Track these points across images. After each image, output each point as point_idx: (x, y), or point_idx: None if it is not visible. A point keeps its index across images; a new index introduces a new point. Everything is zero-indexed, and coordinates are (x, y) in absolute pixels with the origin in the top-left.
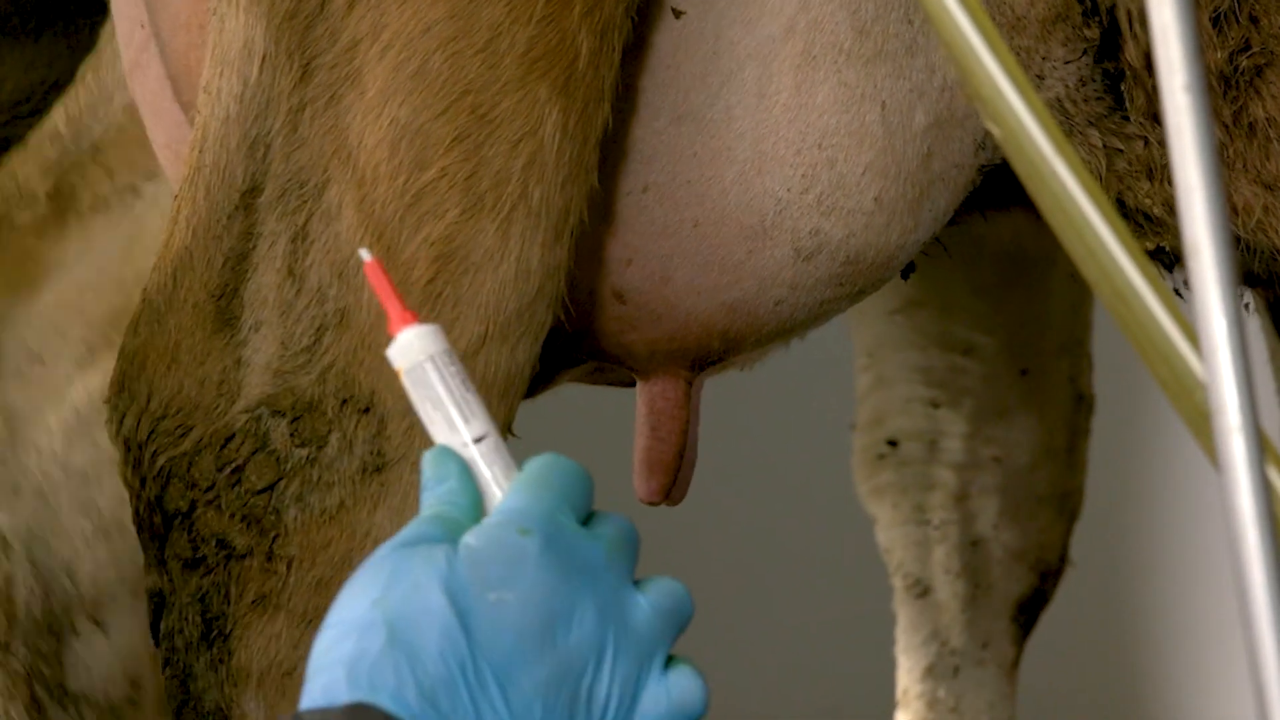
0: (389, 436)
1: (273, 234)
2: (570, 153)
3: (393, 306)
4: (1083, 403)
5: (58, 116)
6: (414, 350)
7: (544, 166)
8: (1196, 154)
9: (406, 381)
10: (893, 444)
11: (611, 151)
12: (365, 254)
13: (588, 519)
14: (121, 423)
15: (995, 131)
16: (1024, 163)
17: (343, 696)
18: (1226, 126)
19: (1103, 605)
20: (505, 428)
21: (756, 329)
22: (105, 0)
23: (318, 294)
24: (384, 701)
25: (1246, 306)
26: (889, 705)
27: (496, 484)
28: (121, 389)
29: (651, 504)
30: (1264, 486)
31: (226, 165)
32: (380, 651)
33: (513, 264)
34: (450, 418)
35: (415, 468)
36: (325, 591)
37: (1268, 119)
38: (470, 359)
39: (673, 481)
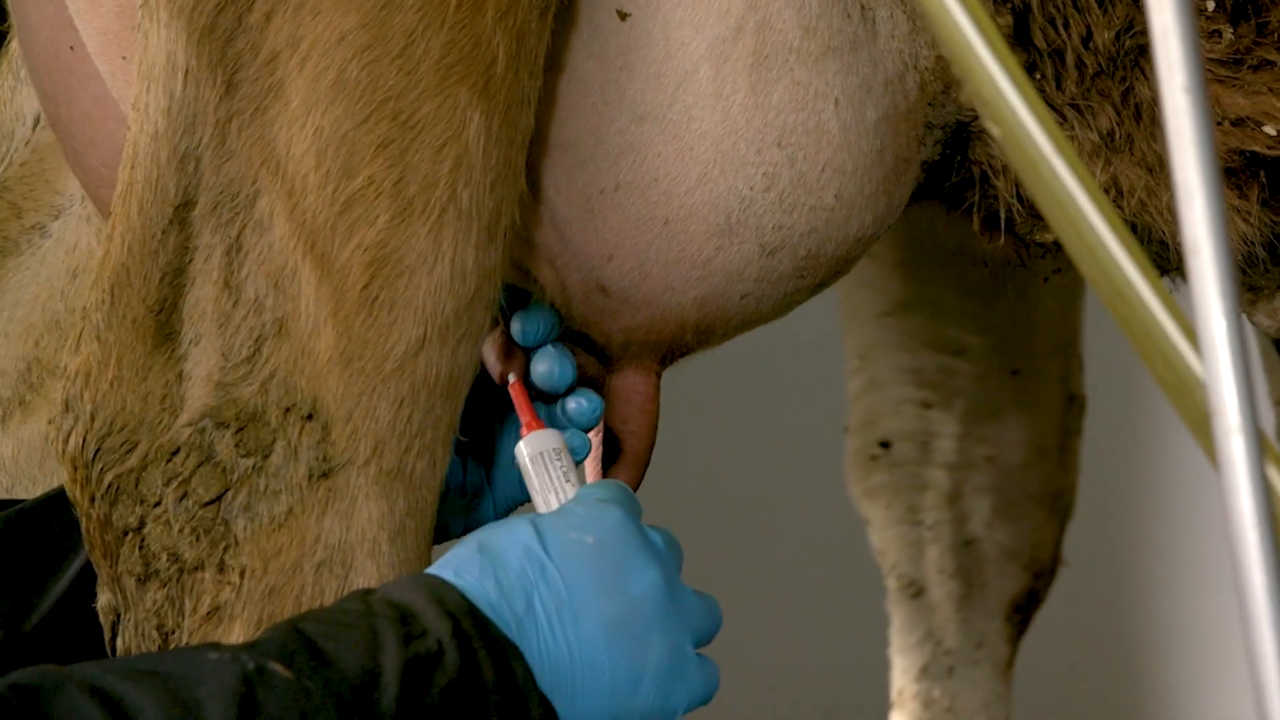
0: (334, 441)
1: (208, 247)
2: (497, 155)
3: (525, 416)
4: (1074, 403)
5: None
6: (531, 447)
7: (471, 169)
8: (1196, 154)
9: (528, 473)
10: (885, 445)
11: (580, 150)
12: (511, 377)
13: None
14: (67, 442)
15: (995, 132)
16: (1024, 162)
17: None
18: (1116, 108)
19: (1098, 605)
20: (450, 429)
21: (725, 322)
22: None
23: (255, 305)
24: (465, 585)
25: None
26: (884, 706)
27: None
28: (66, 408)
29: None
30: (1263, 486)
31: (158, 180)
32: (469, 554)
33: (447, 266)
34: (548, 500)
35: (361, 471)
36: (278, 599)
37: (1154, 100)
38: (410, 361)
39: (642, 476)
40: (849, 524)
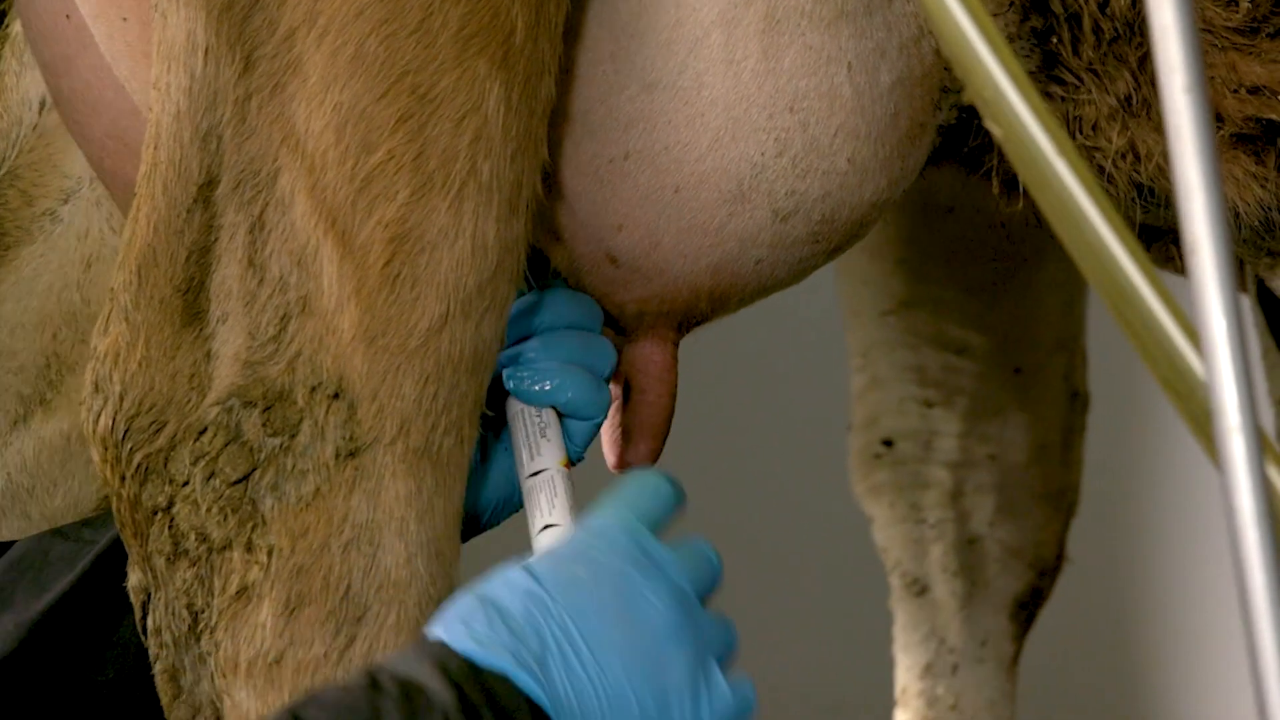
0: (360, 420)
1: (232, 225)
2: (517, 126)
3: None
4: (1077, 399)
5: None
6: (511, 406)
7: (491, 141)
8: (1196, 154)
9: (510, 431)
10: (888, 444)
11: (590, 119)
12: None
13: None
14: (97, 422)
15: (996, 131)
16: (1025, 162)
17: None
18: (1134, 73)
19: (1103, 602)
20: (477, 404)
21: (740, 288)
22: None
23: (280, 283)
24: (478, 635)
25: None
26: (889, 703)
27: (540, 510)
28: (95, 389)
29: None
30: (1264, 486)
31: (181, 160)
32: (472, 607)
33: (468, 240)
34: (521, 456)
35: (388, 449)
36: (307, 578)
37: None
38: (434, 338)
39: (661, 446)
40: (853, 522)
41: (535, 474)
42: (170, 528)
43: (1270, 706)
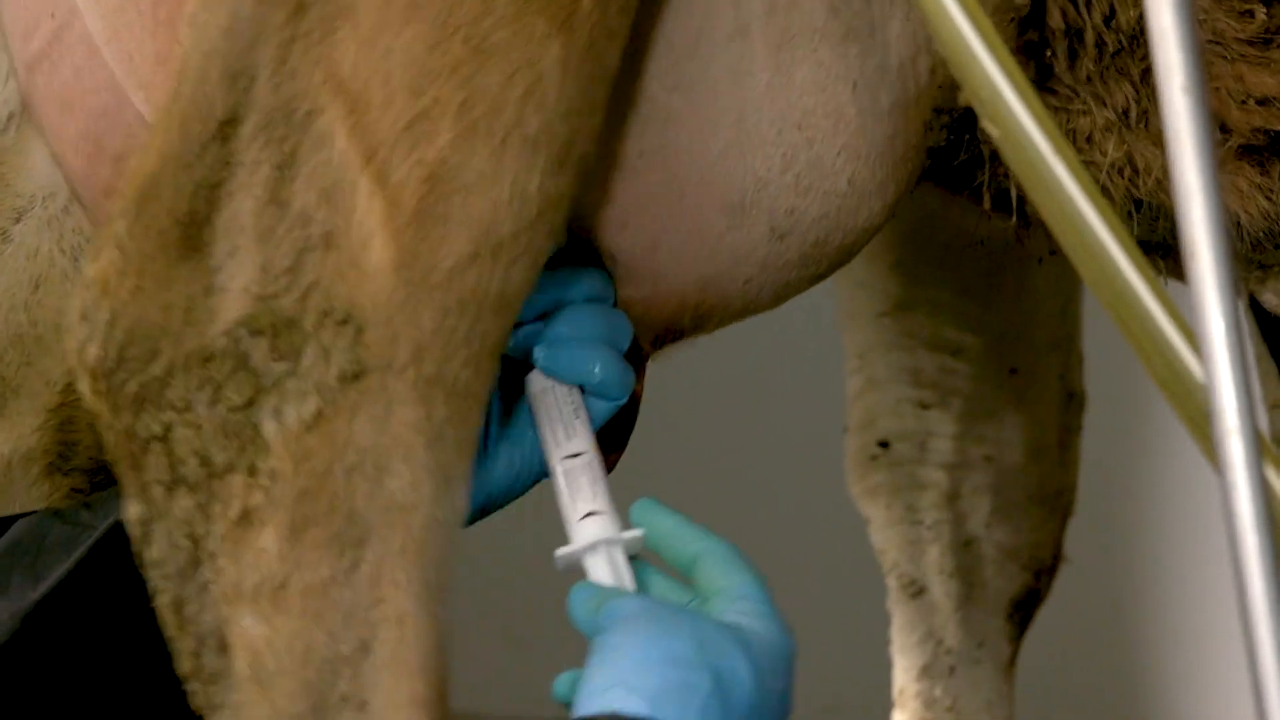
0: (367, 344)
1: (254, 162)
2: (574, 87)
3: None
4: (1074, 399)
5: None
6: (538, 381)
7: (543, 98)
8: (1195, 156)
9: (534, 404)
10: (884, 445)
11: (610, 114)
12: None
13: None
14: (84, 351)
15: (993, 132)
16: (1023, 164)
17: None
18: (1135, 85)
19: (1102, 602)
20: (499, 345)
21: (724, 306)
22: None
23: (301, 218)
24: None
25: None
26: (886, 705)
27: (583, 495)
28: (82, 318)
29: None
30: (1262, 488)
31: (205, 97)
32: (710, 691)
33: (506, 188)
34: (555, 434)
35: (399, 376)
36: (310, 502)
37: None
38: (460, 275)
39: (619, 457)
40: (850, 522)
41: (573, 455)
42: (169, 455)
43: (1269, 707)
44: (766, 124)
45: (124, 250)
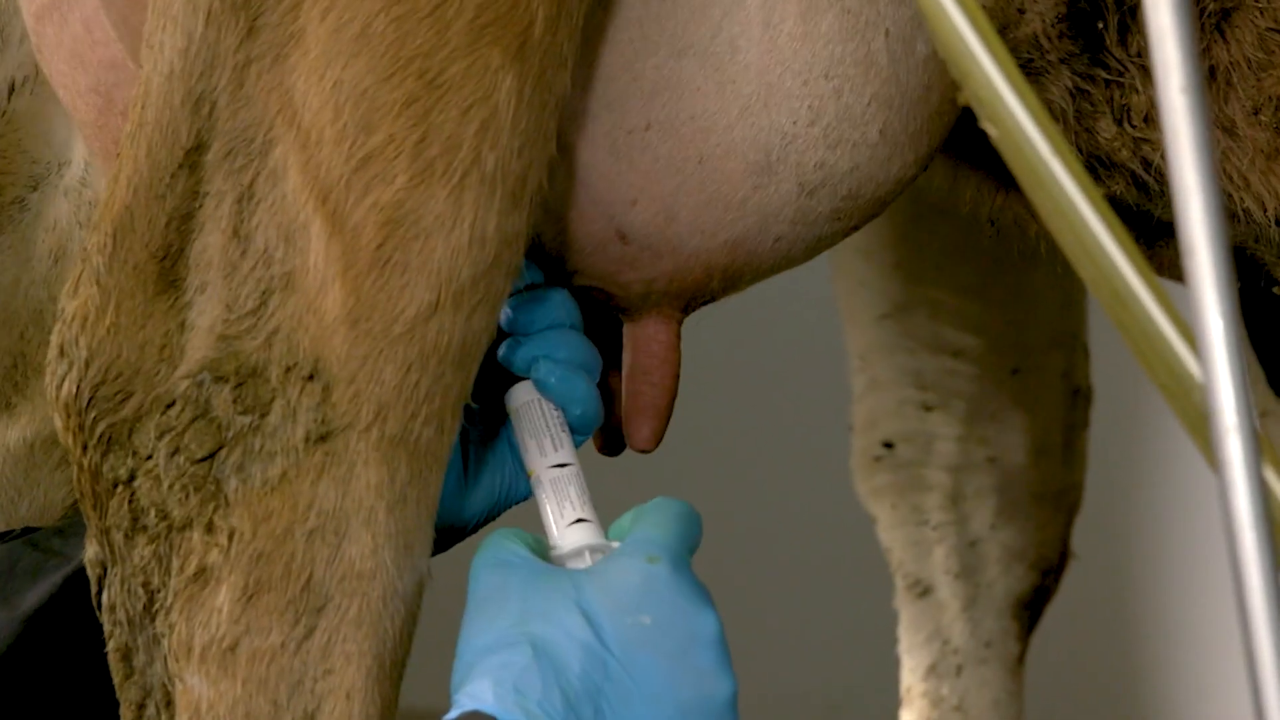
0: (334, 404)
1: (219, 193)
2: (528, 120)
3: None
4: (1079, 396)
5: None
6: (523, 393)
7: (498, 133)
8: (1194, 155)
9: (516, 417)
10: (888, 446)
11: (610, 89)
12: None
13: None
14: (60, 388)
15: (992, 132)
16: (1021, 164)
17: (489, 703)
18: None
19: (1110, 600)
20: (461, 397)
21: (755, 266)
22: None
23: (264, 256)
24: (531, 707)
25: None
26: (893, 703)
27: (571, 503)
28: (60, 353)
29: (643, 451)
30: (1261, 487)
31: (170, 122)
32: (526, 664)
33: (466, 230)
34: (542, 445)
35: (362, 436)
36: (268, 564)
37: (1231, 63)
38: (421, 326)
39: (664, 427)
40: (858, 521)
41: (559, 465)
42: (130, 502)
43: (1268, 708)
44: (791, 76)
45: (102, 286)
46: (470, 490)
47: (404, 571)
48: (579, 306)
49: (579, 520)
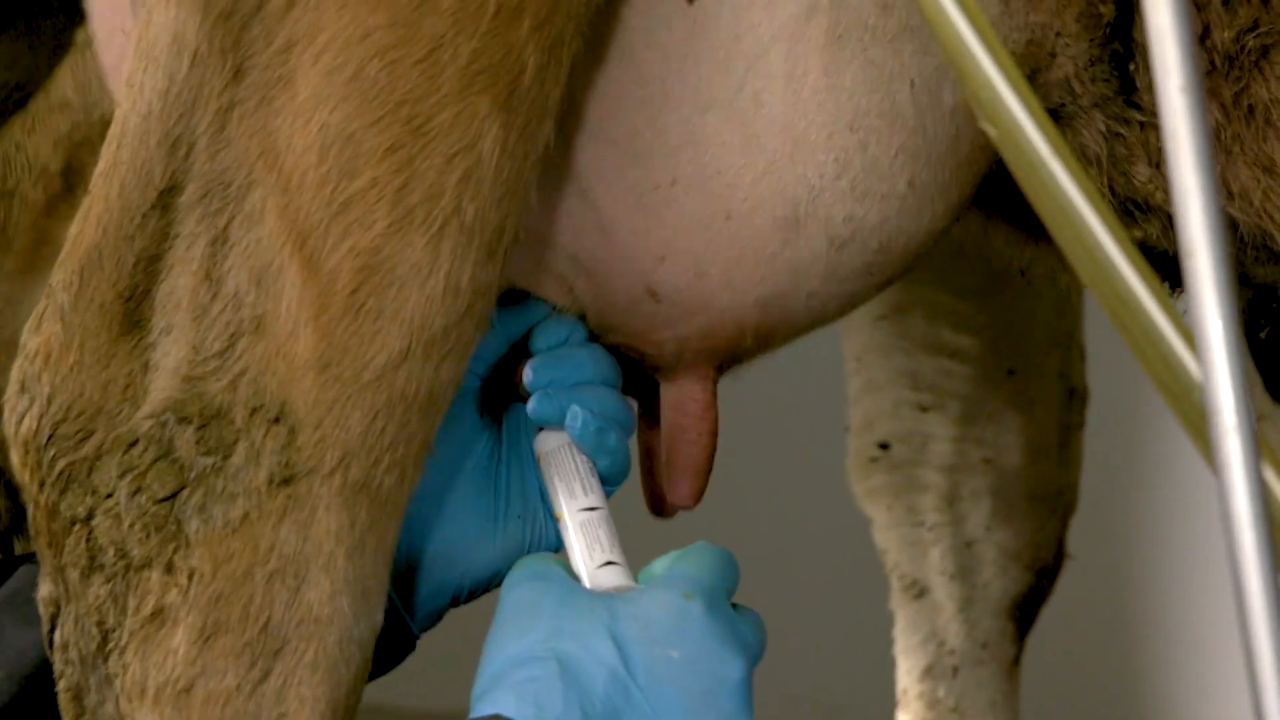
0: (299, 448)
1: (191, 235)
2: (509, 170)
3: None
4: (1075, 396)
5: (64, 83)
6: (554, 438)
7: (480, 183)
8: (1193, 156)
9: (546, 461)
10: (884, 447)
11: (636, 144)
12: None
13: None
14: (20, 424)
15: (992, 133)
16: (1021, 165)
17: (509, 712)
18: (1225, 108)
19: (1107, 601)
20: (424, 446)
21: (788, 324)
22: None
23: (234, 300)
24: None
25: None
26: (890, 705)
27: (601, 545)
28: (22, 389)
29: (684, 508)
30: (1260, 487)
31: (144, 163)
32: (551, 680)
33: (441, 280)
34: (572, 488)
35: (325, 481)
36: (226, 606)
37: (1271, 100)
38: (391, 374)
39: (704, 485)
40: (853, 523)
41: (589, 509)
42: (88, 540)
43: (1267, 708)
44: (816, 129)
45: (66, 323)
46: (503, 540)
47: (360, 618)
48: (617, 364)
49: (609, 563)
